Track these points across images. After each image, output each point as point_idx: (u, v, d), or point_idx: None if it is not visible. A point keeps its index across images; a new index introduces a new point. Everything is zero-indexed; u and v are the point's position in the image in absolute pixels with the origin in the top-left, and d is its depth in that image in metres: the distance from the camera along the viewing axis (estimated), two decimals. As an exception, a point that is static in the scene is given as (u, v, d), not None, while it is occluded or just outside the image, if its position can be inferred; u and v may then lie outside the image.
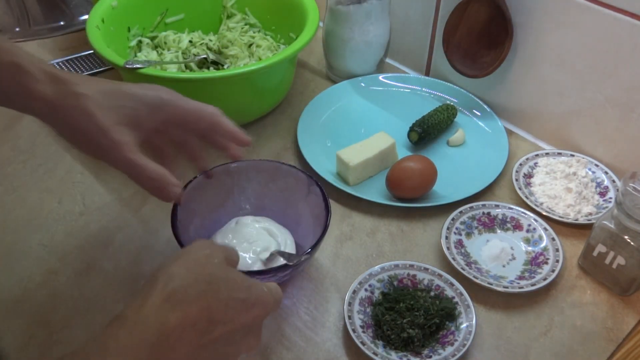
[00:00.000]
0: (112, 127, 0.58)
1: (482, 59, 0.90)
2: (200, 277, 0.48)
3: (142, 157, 0.59)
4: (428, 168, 0.81)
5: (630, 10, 0.75)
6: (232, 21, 1.04)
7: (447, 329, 0.67)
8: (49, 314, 0.69)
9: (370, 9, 0.94)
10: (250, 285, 0.50)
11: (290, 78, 0.96)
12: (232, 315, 0.48)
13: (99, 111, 0.57)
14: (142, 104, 0.60)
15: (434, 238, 0.78)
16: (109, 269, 0.74)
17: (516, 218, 0.79)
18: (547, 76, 0.87)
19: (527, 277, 0.72)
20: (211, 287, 0.48)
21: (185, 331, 0.46)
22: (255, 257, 0.70)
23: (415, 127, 0.89)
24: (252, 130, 0.92)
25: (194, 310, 0.46)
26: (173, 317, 0.45)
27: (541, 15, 0.83)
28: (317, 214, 0.70)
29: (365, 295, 0.69)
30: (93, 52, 1.05)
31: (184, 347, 0.46)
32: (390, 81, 1.01)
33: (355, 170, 0.83)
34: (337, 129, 0.93)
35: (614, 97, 0.81)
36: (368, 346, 0.64)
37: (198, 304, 0.47)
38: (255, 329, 0.51)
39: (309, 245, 0.68)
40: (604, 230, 0.69)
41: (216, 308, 0.47)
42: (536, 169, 0.85)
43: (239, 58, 0.97)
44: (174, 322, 0.45)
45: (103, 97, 0.58)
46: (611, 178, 0.83)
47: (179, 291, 0.47)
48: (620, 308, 0.71)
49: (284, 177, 0.73)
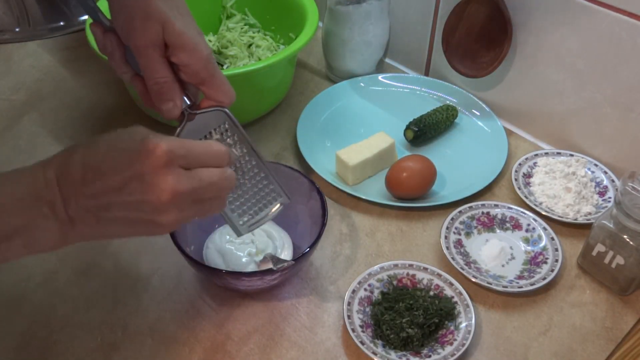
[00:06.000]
0: (158, 17, 0.57)
1: (481, 59, 0.90)
2: (96, 136, 0.51)
3: (160, 58, 0.58)
4: (427, 168, 0.81)
5: (630, 10, 0.75)
6: (231, 21, 1.04)
7: (447, 328, 0.67)
8: (49, 314, 0.69)
9: (370, 9, 0.94)
10: (142, 138, 0.49)
11: (290, 78, 0.96)
12: (110, 163, 0.48)
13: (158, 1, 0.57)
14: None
15: (433, 238, 0.78)
16: (109, 269, 0.74)
17: (515, 218, 0.79)
18: (547, 76, 0.87)
19: (527, 277, 0.72)
20: (92, 141, 0.50)
21: (61, 180, 0.48)
22: (249, 259, 0.70)
23: (411, 125, 0.89)
24: (252, 131, 0.93)
25: (68, 159, 0.49)
26: (50, 169, 0.49)
27: (541, 15, 0.83)
28: (316, 219, 0.71)
29: (365, 295, 0.69)
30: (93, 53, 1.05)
31: (67, 195, 0.48)
32: (389, 81, 1.01)
33: (354, 170, 0.83)
34: (337, 129, 0.93)
35: (613, 97, 0.81)
36: (367, 346, 0.64)
37: (75, 155, 0.49)
38: (155, 181, 0.48)
39: (306, 245, 0.68)
40: (603, 230, 0.69)
41: (90, 155, 0.49)
42: (535, 168, 0.85)
43: (239, 58, 0.97)
44: (50, 173, 0.48)
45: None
46: (610, 178, 0.83)
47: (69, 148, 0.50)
48: (619, 307, 0.71)
49: (286, 179, 0.74)
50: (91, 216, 0.49)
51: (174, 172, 0.49)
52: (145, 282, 0.73)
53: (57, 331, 0.68)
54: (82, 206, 0.49)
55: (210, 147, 0.53)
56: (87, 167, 0.49)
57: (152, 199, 0.48)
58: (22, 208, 0.48)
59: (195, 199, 0.51)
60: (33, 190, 0.49)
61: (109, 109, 0.97)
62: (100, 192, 0.49)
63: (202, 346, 0.67)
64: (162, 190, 0.48)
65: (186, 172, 0.50)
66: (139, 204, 0.49)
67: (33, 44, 1.10)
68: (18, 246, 0.49)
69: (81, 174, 0.49)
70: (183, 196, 0.50)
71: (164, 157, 0.48)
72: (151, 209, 0.49)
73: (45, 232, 0.49)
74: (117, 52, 0.61)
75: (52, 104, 0.97)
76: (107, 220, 0.50)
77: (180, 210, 0.51)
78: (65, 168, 0.49)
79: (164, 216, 0.50)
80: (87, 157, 0.49)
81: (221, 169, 0.53)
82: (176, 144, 0.50)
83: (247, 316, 0.69)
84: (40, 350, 0.66)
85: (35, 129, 0.92)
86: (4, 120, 0.94)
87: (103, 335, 0.67)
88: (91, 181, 0.48)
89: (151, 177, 0.48)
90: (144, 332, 0.68)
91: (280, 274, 0.66)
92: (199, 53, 0.58)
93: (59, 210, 0.49)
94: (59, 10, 1.15)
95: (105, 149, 0.49)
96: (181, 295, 0.71)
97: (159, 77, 0.58)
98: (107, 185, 0.48)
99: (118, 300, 0.71)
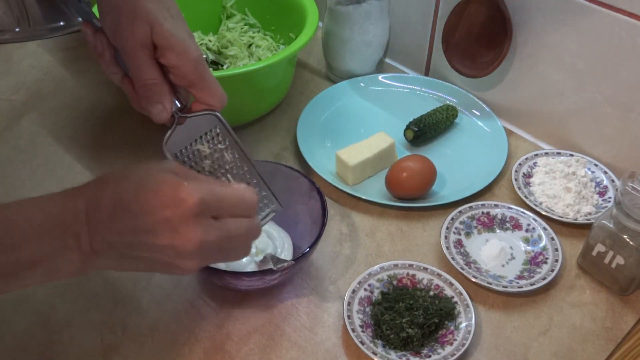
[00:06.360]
0: (146, 18, 0.57)
1: (481, 59, 0.90)
2: (127, 170, 0.51)
3: (148, 60, 0.58)
4: (427, 168, 0.81)
5: (630, 10, 0.75)
6: (231, 21, 1.04)
7: (447, 328, 0.67)
8: (49, 314, 0.69)
9: (370, 9, 0.94)
10: (175, 182, 0.48)
11: (290, 78, 0.96)
12: (142, 205, 0.48)
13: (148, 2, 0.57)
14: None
15: (433, 238, 0.78)
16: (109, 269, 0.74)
17: (515, 218, 0.79)
18: (547, 76, 0.87)
19: (527, 277, 0.72)
20: (123, 175, 0.49)
21: (90, 213, 0.48)
22: (249, 259, 0.70)
23: (411, 125, 0.89)
24: (252, 131, 0.93)
25: (99, 193, 0.49)
26: (80, 200, 0.49)
27: (541, 15, 0.83)
28: (316, 219, 0.71)
29: (365, 295, 0.69)
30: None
31: (94, 229, 0.48)
32: (389, 81, 1.01)
33: (354, 170, 0.83)
34: (337, 129, 0.93)
35: (613, 96, 0.81)
36: (367, 345, 0.64)
37: (106, 189, 0.49)
38: (183, 230, 0.48)
39: (306, 245, 0.68)
40: (603, 230, 0.69)
41: (122, 192, 0.48)
42: (535, 168, 0.85)
43: (239, 58, 0.97)
44: (81, 204, 0.49)
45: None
46: (610, 178, 0.83)
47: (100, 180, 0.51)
48: (619, 307, 0.71)
49: (285, 179, 0.74)
50: (115, 252, 0.49)
51: (204, 222, 0.49)
52: (145, 282, 0.73)
53: (57, 331, 0.68)
54: (108, 241, 0.49)
55: (243, 198, 0.53)
56: (118, 204, 0.48)
57: (179, 246, 0.48)
58: (49, 238, 0.48)
59: (221, 248, 0.52)
60: (61, 221, 0.48)
61: (109, 109, 0.97)
62: (128, 231, 0.48)
63: (202, 346, 0.67)
64: (190, 240, 0.48)
65: (215, 223, 0.50)
66: (165, 248, 0.49)
67: (33, 44, 1.10)
68: (37, 275, 0.49)
69: (111, 210, 0.48)
70: (209, 246, 0.50)
71: (196, 207, 0.48)
72: (175, 254, 0.49)
73: (66, 262, 0.49)
74: (107, 53, 0.60)
75: (52, 104, 0.97)
76: (130, 257, 0.50)
77: (203, 258, 0.51)
78: (96, 201, 0.49)
79: (187, 262, 0.50)
80: (118, 194, 0.49)
81: (250, 219, 0.53)
82: (209, 193, 0.49)
83: (247, 316, 0.69)
84: (40, 350, 0.66)
85: (35, 129, 0.92)
86: (4, 120, 0.94)
87: (103, 335, 0.67)
88: (120, 219, 0.48)
89: (180, 225, 0.48)
90: (144, 332, 0.68)
91: (280, 274, 0.66)
92: (189, 55, 0.58)
93: (83, 243, 0.49)
94: (59, 10, 1.15)
95: (137, 187, 0.49)
96: (181, 295, 0.71)
97: (148, 78, 0.58)
98: (136, 226, 0.48)
99: (118, 300, 0.71)
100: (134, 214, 0.48)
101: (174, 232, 0.48)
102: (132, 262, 0.51)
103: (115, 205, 0.48)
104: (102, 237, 0.49)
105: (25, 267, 0.48)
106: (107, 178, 0.50)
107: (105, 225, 0.48)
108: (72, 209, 0.48)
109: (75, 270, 0.50)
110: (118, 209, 0.48)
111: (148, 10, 0.57)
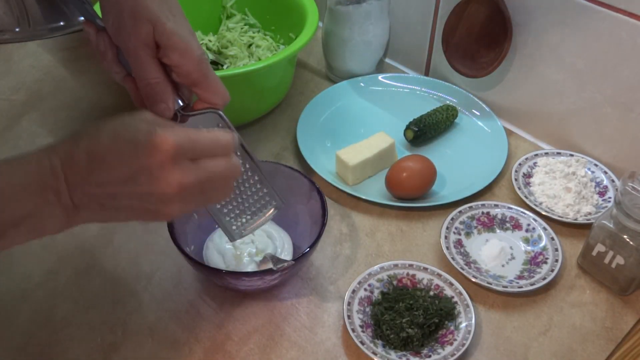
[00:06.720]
0: (149, 17, 0.57)
1: (481, 59, 0.90)
2: (100, 123, 0.50)
3: (151, 59, 0.58)
4: (427, 168, 0.81)
5: (630, 10, 0.75)
6: (231, 21, 1.04)
7: (447, 328, 0.67)
8: (49, 314, 0.69)
9: (370, 9, 0.94)
10: (149, 130, 0.48)
11: (290, 78, 0.96)
12: (118, 155, 0.48)
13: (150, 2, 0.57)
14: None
15: (433, 238, 0.78)
16: (109, 269, 0.74)
17: (515, 218, 0.79)
18: (547, 76, 0.87)
19: (527, 277, 0.72)
20: (97, 129, 0.49)
21: (67, 168, 0.48)
22: (250, 259, 0.70)
23: (411, 125, 0.89)
24: (252, 131, 0.93)
25: (74, 148, 0.49)
26: (54, 156, 0.48)
27: (541, 15, 0.83)
28: (316, 219, 0.71)
29: (365, 295, 0.69)
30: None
31: (72, 183, 0.48)
32: (389, 81, 1.01)
33: (354, 170, 0.83)
34: (337, 129, 0.93)
35: (613, 96, 0.81)
36: (367, 345, 0.64)
37: (80, 143, 0.49)
38: (162, 175, 0.48)
39: (306, 245, 0.68)
40: (603, 230, 0.69)
41: (95, 144, 0.49)
42: (535, 168, 0.85)
43: (239, 58, 0.97)
44: (56, 160, 0.48)
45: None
46: (610, 178, 0.83)
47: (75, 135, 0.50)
48: (619, 307, 0.71)
49: (285, 179, 0.74)
50: (96, 204, 0.50)
51: (181, 165, 0.49)
52: (145, 282, 0.73)
53: (57, 331, 0.68)
54: (87, 194, 0.49)
55: (217, 138, 0.53)
56: (93, 157, 0.49)
57: (158, 191, 0.49)
58: (29, 196, 0.49)
59: (201, 190, 0.52)
60: (39, 178, 0.49)
61: (109, 109, 0.97)
62: (106, 182, 0.49)
63: (202, 346, 0.67)
64: (169, 184, 0.49)
65: (192, 165, 0.50)
66: (145, 195, 0.49)
67: (33, 44, 1.10)
68: (23, 232, 0.50)
69: (87, 163, 0.49)
70: (189, 188, 0.50)
71: (171, 151, 0.48)
72: (157, 200, 0.49)
73: (50, 218, 0.50)
74: (109, 52, 0.61)
75: (52, 104, 0.97)
76: (111, 208, 0.50)
77: (185, 202, 0.51)
78: (71, 156, 0.49)
79: (169, 207, 0.50)
80: (92, 146, 0.49)
81: (227, 158, 0.53)
82: (183, 136, 0.50)
83: (247, 316, 0.69)
84: (40, 350, 0.66)
85: (35, 129, 0.92)
86: (4, 120, 0.94)
87: (103, 335, 0.67)
88: (97, 171, 0.49)
89: (158, 170, 0.48)
90: (144, 332, 0.68)
91: (280, 274, 0.66)
92: (191, 53, 0.58)
93: (64, 198, 0.49)
94: (59, 10, 1.15)
95: (111, 138, 0.49)
96: (181, 295, 0.71)
97: (150, 77, 0.58)
98: (113, 176, 0.49)
99: (118, 300, 0.71)
100: (109, 164, 0.48)
101: (152, 179, 0.48)
102: (114, 212, 0.51)
103: (90, 158, 0.49)
104: (82, 190, 0.49)
105: (10, 225, 0.49)
106: (81, 133, 0.50)
107: (83, 178, 0.49)
108: (48, 166, 0.49)
109: (60, 225, 0.51)
110: (94, 161, 0.49)
111: (150, 9, 0.57)
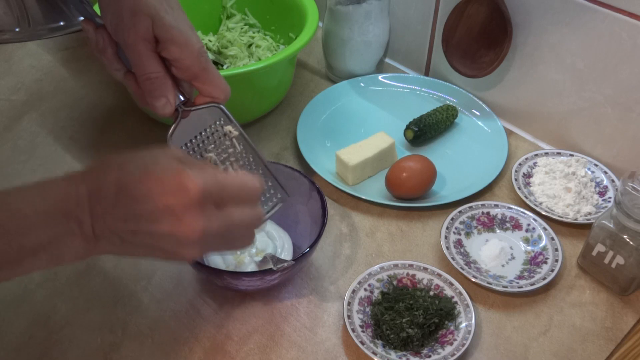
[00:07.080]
0: (147, 11, 0.57)
1: (481, 59, 0.90)
2: (131, 155, 0.50)
3: (150, 53, 0.58)
4: (427, 168, 0.81)
5: (630, 10, 0.75)
6: (231, 21, 1.04)
7: (447, 328, 0.67)
8: (49, 314, 0.69)
9: (370, 9, 0.94)
10: (179, 170, 0.48)
11: (290, 78, 0.96)
12: (145, 191, 0.47)
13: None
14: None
15: (433, 238, 0.78)
16: (109, 269, 0.74)
17: (515, 218, 0.79)
18: (547, 76, 0.87)
19: (527, 277, 0.72)
20: (127, 161, 0.49)
21: (93, 199, 0.48)
22: (249, 259, 0.70)
23: (411, 125, 0.89)
24: (252, 130, 0.93)
25: (102, 178, 0.48)
26: (83, 185, 0.48)
27: (541, 15, 0.83)
28: (316, 219, 0.71)
29: (365, 295, 0.69)
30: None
31: (96, 215, 0.48)
32: (389, 81, 1.01)
33: (354, 170, 0.83)
34: (337, 129, 0.93)
35: (613, 96, 0.81)
36: (367, 346, 0.64)
37: (109, 173, 0.48)
38: (186, 218, 0.47)
39: (306, 245, 0.68)
40: (603, 230, 0.69)
41: (125, 178, 0.48)
42: (535, 168, 0.85)
43: (239, 58, 0.97)
44: (83, 190, 0.48)
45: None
46: (610, 178, 0.83)
47: (98, 166, 0.50)
48: (619, 307, 0.71)
49: (285, 179, 0.73)
50: (116, 237, 0.49)
51: (206, 211, 0.48)
52: (145, 282, 0.73)
53: (57, 331, 0.68)
54: (110, 227, 0.48)
55: (245, 185, 0.52)
56: (120, 190, 0.48)
57: (180, 234, 0.48)
58: (51, 224, 0.48)
59: (223, 238, 0.51)
60: (63, 206, 0.48)
61: (109, 109, 0.97)
62: (130, 217, 0.48)
63: (202, 346, 0.67)
64: (192, 229, 0.48)
65: (218, 212, 0.50)
66: (166, 236, 0.48)
67: (33, 44, 1.10)
68: (42, 260, 0.49)
69: (114, 195, 0.48)
70: (211, 235, 0.49)
71: (199, 195, 0.47)
72: (176, 242, 0.49)
73: (69, 247, 0.49)
74: (109, 49, 0.60)
75: (52, 104, 0.97)
76: (131, 243, 0.50)
77: (205, 247, 0.51)
78: (98, 187, 0.48)
79: (188, 250, 0.49)
80: (121, 179, 0.48)
81: (252, 209, 0.53)
82: (211, 180, 0.49)
83: (247, 316, 0.69)
84: (40, 350, 0.66)
85: (35, 129, 0.92)
86: (4, 120, 0.94)
87: (103, 335, 0.67)
88: (122, 205, 0.48)
89: (183, 213, 0.47)
90: (144, 332, 0.68)
91: (280, 274, 0.66)
92: (191, 47, 0.58)
93: (86, 229, 0.48)
94: (59, 10, 1.15)
95: (141, 173, 0.48)
96: (181, 295, 0.71)
97: (150, 72, 0.58)
98: (138, 212, 0.48)
99: (118, 300, 0.71)
100: (136, 200, 0.48)
101: (176, 220, 0.47)
102: (132, 248, 0.50)
103: (118, 191, 0.48)
104: (104, 223, 0.48)
105: (29, 253, 0.48)
106: (111, 162, 0.50)
107: (107, 211, 0.48)
108: (74, 195, 0.48)
109: (79, 256, 0.50)
110: (121, 195, 0.48)
111: (149, 4, 0.57)
